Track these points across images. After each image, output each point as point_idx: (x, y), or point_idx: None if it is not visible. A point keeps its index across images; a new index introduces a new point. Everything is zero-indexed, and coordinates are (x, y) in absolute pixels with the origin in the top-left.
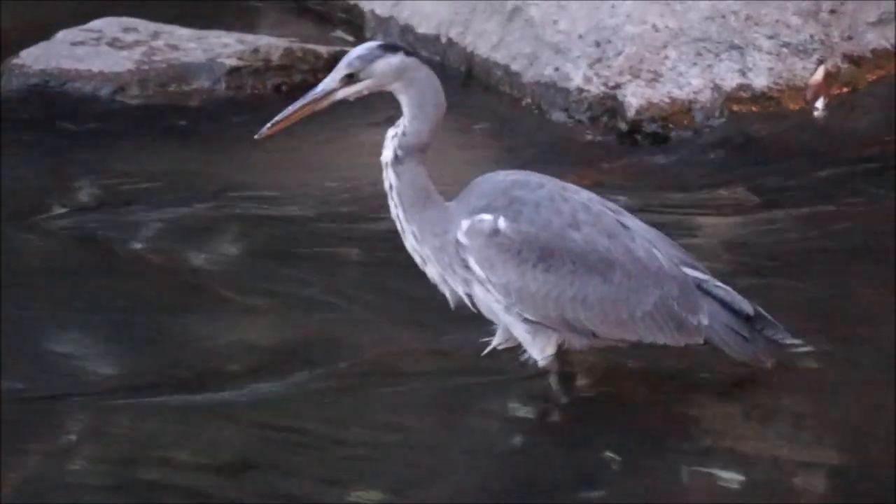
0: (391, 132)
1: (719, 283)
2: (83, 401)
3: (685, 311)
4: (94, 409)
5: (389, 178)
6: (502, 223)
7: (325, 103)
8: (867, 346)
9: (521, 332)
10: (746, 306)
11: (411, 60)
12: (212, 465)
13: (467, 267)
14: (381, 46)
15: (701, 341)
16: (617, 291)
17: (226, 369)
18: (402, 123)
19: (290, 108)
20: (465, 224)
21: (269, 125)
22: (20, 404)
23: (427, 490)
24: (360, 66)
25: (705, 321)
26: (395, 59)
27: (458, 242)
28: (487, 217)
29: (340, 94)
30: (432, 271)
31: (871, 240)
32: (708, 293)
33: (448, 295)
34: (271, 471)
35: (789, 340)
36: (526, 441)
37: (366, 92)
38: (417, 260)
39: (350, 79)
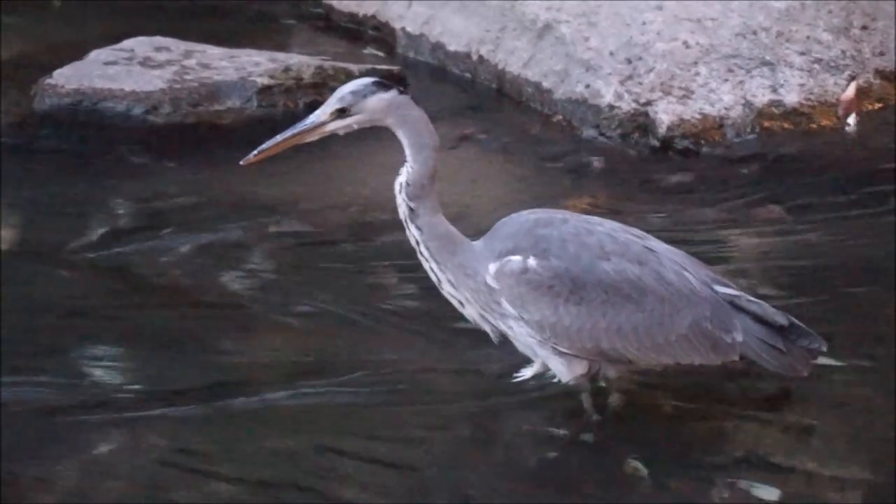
0: (396, 186)
1: (752, 298)
2: (117, 416)
3: (719, 330)
4: (127, 424)
5: (413, 234)
6: (532, 262)
7: (314, 135)
8: None
9: (557, 365)
10: (780, 318)
11: (403, 98)
12: (243, 478)
13: (500, 305)
14: (375, 83)
15: (736, 358)
16: (651, 318)
17: (256, 386)
18: (404, 171)
19: (279, 137)
20: (492, 268)
21: (255, 152)
22: (55, 420)
23: None
24: (353, 101)
25: (739, 338)
26: (388, 97)
27: (487, 286)
28: (516, 258)
29: (330, 128)
30: (471, 311)
31: None
32: (741, 309)
33: (489, 331)
34: (302, 485)
35: (825, 348)
36: (557, 458)
37: (356, 126)
38: (455, 304)
39: (341, 113)
